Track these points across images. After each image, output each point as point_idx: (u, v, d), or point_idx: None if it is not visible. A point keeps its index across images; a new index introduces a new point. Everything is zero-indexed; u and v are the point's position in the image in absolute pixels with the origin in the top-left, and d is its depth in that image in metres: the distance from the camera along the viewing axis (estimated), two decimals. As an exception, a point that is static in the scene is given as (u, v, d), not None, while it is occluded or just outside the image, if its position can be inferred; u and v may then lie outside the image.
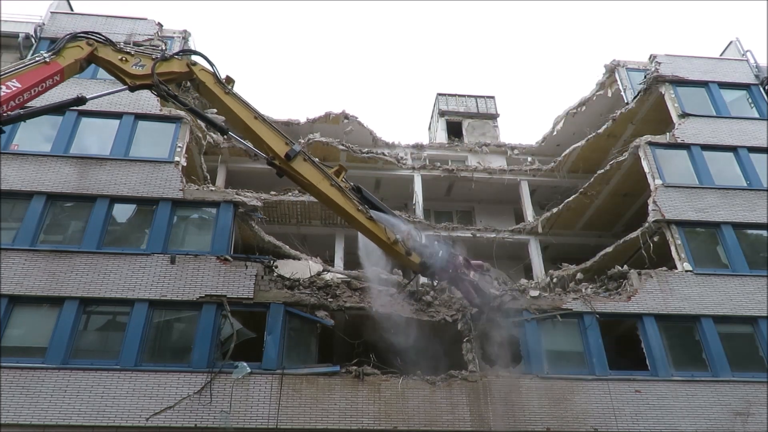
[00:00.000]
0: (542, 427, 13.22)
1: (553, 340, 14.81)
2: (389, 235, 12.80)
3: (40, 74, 10.93)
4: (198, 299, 14.09)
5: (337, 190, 12.65)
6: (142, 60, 12.25)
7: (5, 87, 10.27)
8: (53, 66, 11.21)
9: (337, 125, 23.47)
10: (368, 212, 12.66)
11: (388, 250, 13.10)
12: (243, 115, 12.60)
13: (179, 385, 12.91)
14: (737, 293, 15.48)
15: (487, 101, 28.43)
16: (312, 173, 12.58)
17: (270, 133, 12.62)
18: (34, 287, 13.82)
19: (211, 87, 12.61)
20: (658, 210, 16.73)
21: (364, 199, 12.96)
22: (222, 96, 12.62)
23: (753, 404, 13.82)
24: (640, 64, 21.34)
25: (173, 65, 12.51)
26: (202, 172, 19.18)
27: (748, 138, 18.65)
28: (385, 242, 12.79)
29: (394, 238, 12.86)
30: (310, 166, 12.65)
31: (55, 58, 11.31)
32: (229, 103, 12.61)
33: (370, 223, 12.65)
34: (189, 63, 12.67)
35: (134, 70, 12.10)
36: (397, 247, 12.90)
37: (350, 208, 12.60)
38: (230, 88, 12.76)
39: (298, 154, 12.49)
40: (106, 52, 12.09)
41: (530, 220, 21.73)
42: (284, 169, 12.51)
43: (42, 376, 12.73)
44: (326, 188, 12.58)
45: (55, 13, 18.97)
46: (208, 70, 12.73)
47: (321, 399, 13.10)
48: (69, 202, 15.59)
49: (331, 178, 12.70)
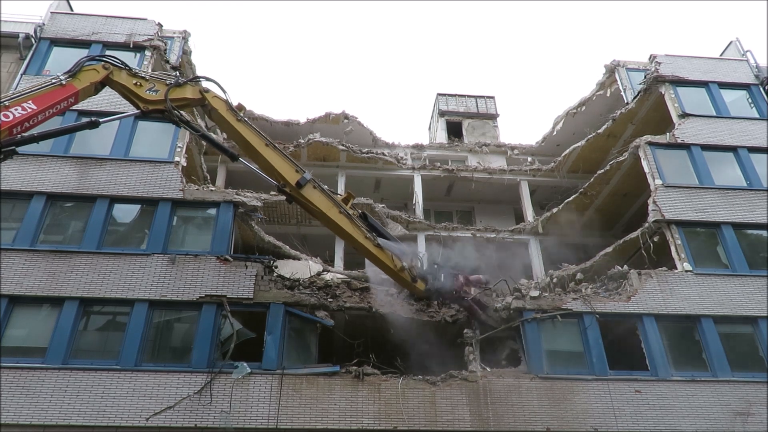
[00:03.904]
0: (542, 427, 13.21)
1: (553, 340, 14.80)
2: (396, 262, 13.12)
3: (55, 96, 10.97)
4: (198, 299, 14.09)
5: (345, 217, 12.91)
6: (156, 85, 12.34)
7: (21, 108, 10.30)
8: (69, 88, 11.26)
9: (337, 125, 23.49)
10: (376, 240, 12.95)
11: (395, 277, 13.43)
12: (255, 142, 12.78)
13: (179, 385, 12.91)
14: (737, 293, 15.47)
15: (487, 101, 28.45)
16: (322, 201, 12.84)
17: (281, 161, 12.83)
18: (34, 287, 13.82)
19: (224, 114, 12.77)
20: (658, 210, 16.73)
21: (369, 226, 13.25)
22: (234, 123, 12.79)
23: (753, 404, 13.81)
24: (640, 64, 21.34)
25: (186, 92, 12.60)
26: (202, 172, 19.18)
27: (748, 138, 18.65)
28: (392, 269, 13.12)
29: (401, 265, 13.20)
30: (319, 193, 12.91)
31: (71, 80, 11.35)
32: (241, 130, 12.78)
33: (378, 251, 12.95)
34: (202, 90, 12.79)
35: (148, 95, 12.18)
36: (404, 274, 13.25)
37: (359, 236, 12.89)
38: (242, 116, 12.94)
39: (309, 181, 12.74)
40: (121, 76, 12.18)
41: (530, 220, 21.73)
42: (294, 197, 12.74)
43: (42, 376, 12.72)
44: (335, 216, 12.83)
45: (55, 13, 18.93)
46: (221, 98, 12.90)
47: (321, 399, 13.10)
48: (69, 202, 15.58)
49: (339, 205, 12.96)
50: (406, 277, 13.30)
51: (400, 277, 13.34)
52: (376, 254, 12.93)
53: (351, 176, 22.23)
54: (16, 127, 10.14)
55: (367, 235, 12.92)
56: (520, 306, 15.03)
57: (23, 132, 10.41)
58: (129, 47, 18.32)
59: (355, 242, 13.01)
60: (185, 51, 20.01)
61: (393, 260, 13.10)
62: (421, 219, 21.25)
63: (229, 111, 12.82)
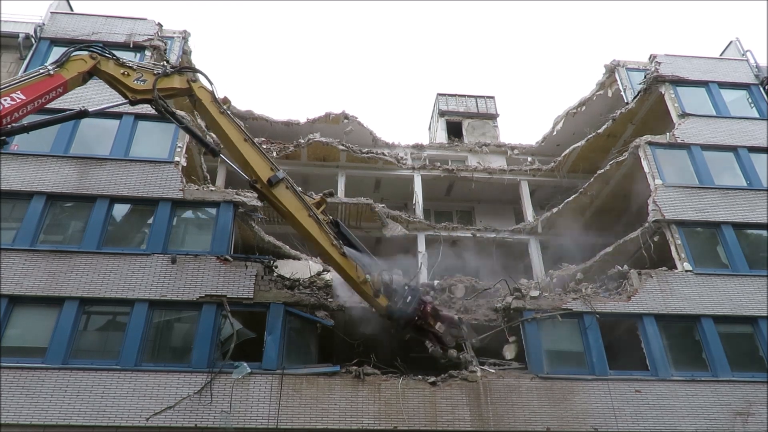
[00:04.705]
0: (542, 427, 13.22)
1: (553, 340, 14.80)
2: (359, 273, 12.80)
3: (43, 86, 11.02)
4: (198, 299, 14.09)
5: (314, 221, 12.74)
6: (144, 75, 12.39)
7: (10, 99, 10.37)
8: (57, 78, 11.30)
9: (337, 125, 23.49)
10: (342, 248, 12.74)
11: (357, 289, 13.06)
12: (233, 136, 12.79)
13: (179, 385, 12.91)
14: (737, 293, 15.47)
15: (487, 101, 28.45)
16: (291, 202, 12.72)
17: (257, 156, 12.81)
18: (34, 287, 13.82)
19: (207, 105, 12.81)
20: (658, 210, 16.73)
21: (341, 234, 13.02)
22: (216, 115, 12.83)
23: (753, 404, 13.82)
24: (640, 64, 21.33)
25: (174, 81, 12.68)
26: (202, 172, 19.17)
27: (748, 138, 18.64)
28: (354, 280, 12.80)
29: (364, 278, 12.84)
30: (291, 194, 12.79)
31: (59, 70, 11.39)
32: (221, 122, 12.81)
33: (342, 259, 12.72)
34: (189, 79, 12.83)
35: (136, 85, 12.24)
36: (366, 287, 12.87)
37: (324, 242, 12.70)
38: (225, 109, 12.94)
39: (281, 181, 12.65)
40: (109, 66, 12.20)
41: (530, 220, 21.73)
42: (265, 194, 12.66)
43: (42, 376, 12.73)
44: (303, 218, 12.68)
45: (55, 13, 18.93)
46: (206, 89, 12.96)
47: (321, 399, 13.10)
48: (69, 202, 15.58)
49: (309, 208, 12.80)
50: (368, 291, 12.89)
51: (362, 290, 12.94)
52: (340, 263, 12.70)
53: (351, 176, 22.23)
54: (6, 117, 10.22)
55: (334, 242, 12.70)
56: (520, 306, 15.04)
57: (13, 122, 10.49)
58: (129, 47, 18.32)
59: (320, 248, 12.80)
60: (185, 51, 20.01)
61: (357, 271, 12.77)
62: (421, 219, 21.26)
63: (213, 102, 12.87)
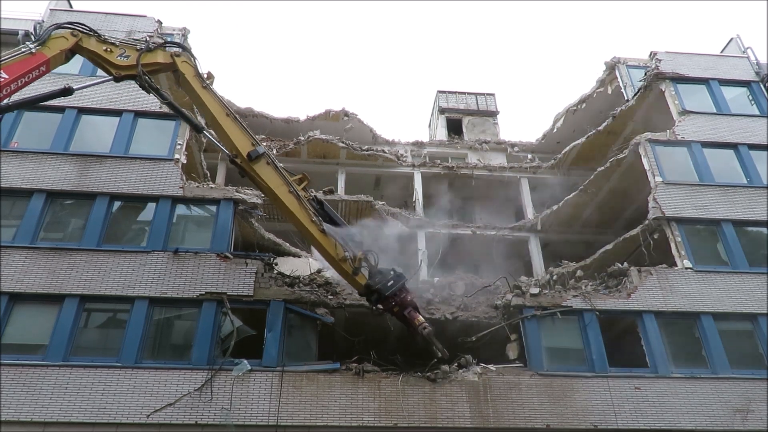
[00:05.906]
0: (542, 424, 13.23)
1: (553, 337, 14.80)
2: (338, 251, 12.67)
3: (25, 65, 10.91)
4: (198, 296, 14.09)
5: (294, 197, 12.61)
6: (127, 51, 12.31)
7: None
8: (39, 57, 11.18)
9: (337, 123, 23.45)
10: (321, 225, 12.63)
11: (336, 266, 12.94)
12: (215, 110, 12.71)
13: (180, 382, 12.92)
14: (737, 290, 15.47)
15: (487, 98, 28.40)
16: (271, 177, 12.60)
17: (238, 131, 12.73)
18: (35, 285, 13.81)
19: (190, 79, 12.74)
20: (658, 207, 16.71)
21: (324, 214, 12.94)
22: (198, 89, 12.76)
23: (753, 401, 13.82)
24: (641, 62, 21.27)
25: (158, 56, 12.63)
26: (202, 170, 19.16)
27: (749, 135, 18.61)
28: (333, 257, 12.69)
29: (343, 255, 12.69)
30: (271, 170, 12.67)
31: (40, 48, 11.26)
32: (204, 97, 12.74)
33: (321, 236, 12.60)
34: (173, 54, 12.75)
35: (119, 61, 12.16)
36: (345, 265, 12.72)
37: (303, 218, 12.56)
38: (208, 83, 12.86)
39: (262, 156, 12.55)
40: (91, 42, 12.08)
41: (530, 218, 21.71)
42: (245, 170, 12.57)
43: (42, 373, 12.74)
44: (283, 194, 12.57)
45: (54, 11, 18.89)
46: (190, 63, 12.87)
47: (321, 396, 13.11)
48: (69, 200, 15.58)
49: (290, 184, 12.68)
50: (347, 269, 12.73)
51: (341, 268, 12.77)
52: (319, 239, 12.55)
53: (351, 173, 22.21)
54: None
55: (313, 219, 12.54)
56: (520, 303, 15.03)
57: None
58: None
59: (300, 225, 12.63)
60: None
61: (336, 248, 12.64)
62: (421, 216, 21.24)
63: (196, 77, 12.80)
